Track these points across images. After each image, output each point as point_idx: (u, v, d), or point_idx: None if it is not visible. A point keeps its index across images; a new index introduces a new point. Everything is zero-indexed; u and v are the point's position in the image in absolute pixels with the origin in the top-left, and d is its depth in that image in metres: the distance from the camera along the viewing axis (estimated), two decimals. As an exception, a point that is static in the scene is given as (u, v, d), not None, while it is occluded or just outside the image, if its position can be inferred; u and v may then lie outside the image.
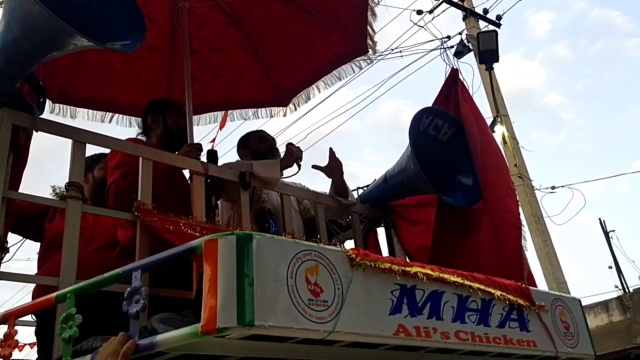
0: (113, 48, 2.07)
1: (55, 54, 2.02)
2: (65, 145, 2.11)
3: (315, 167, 3.05)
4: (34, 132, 2.10)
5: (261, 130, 3.33)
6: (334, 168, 3.03)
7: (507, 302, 1.85)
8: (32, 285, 2.42)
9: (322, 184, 3.08)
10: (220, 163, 2.79)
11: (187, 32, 3.24)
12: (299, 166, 2.92)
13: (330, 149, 3.04)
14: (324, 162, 3.09)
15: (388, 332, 1.47)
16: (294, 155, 2.91)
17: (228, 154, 9.91)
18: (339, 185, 3.02)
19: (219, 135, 5.66)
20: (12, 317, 1.57)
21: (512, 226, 2.65)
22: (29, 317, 2.43)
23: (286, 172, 2.92)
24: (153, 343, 1.24)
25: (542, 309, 1.97)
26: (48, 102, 3.08)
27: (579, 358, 2.10)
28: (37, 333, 2.48)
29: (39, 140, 2.17)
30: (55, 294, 1.51)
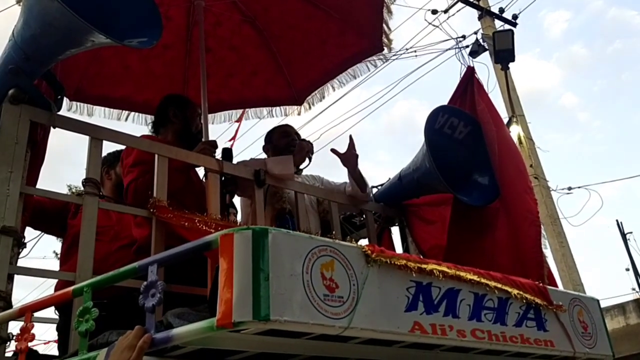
0: (130, 45, 2.08)
1: (73, 50, 2.04)
2: (80, 146, 2.13)
3: (333, 150, 3.06)
4: (52, 128, 2.12)
5: (286, 125, 3.36)
6: (349, 157, 3.03)
7: (524, 301, 1.82)
8: (47, 285, 2.45)
9: (340, 174, 3.11)
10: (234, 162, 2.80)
11: (203, 31, 3.25)
12: (310, 159, 3.03)
13: (350, 137, 3.05)
14: (337, 163, 3.10)
15: (404, 329, 1.46)
16: (304, 149, 3.02)
17: (243, 153, 9.96)
18: (353, 175, 3.03)
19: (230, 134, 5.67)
20: (29, 311, 1.57)
21: (531, 224, 2.62)
22: (41, 314, 2.43)
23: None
24: (169, 337, 1.24)
25: (560, 309, 1.94)
26: (65, 100, 3.12)
27: (597, 358, 2.07)
28: (58, 328, 2.50)
29: (54, 142, 2.19)
30: (72, 287, 1.51)
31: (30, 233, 2.48)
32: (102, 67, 3.36)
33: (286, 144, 3.13)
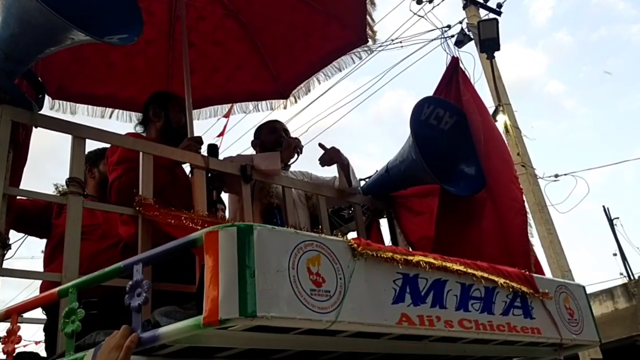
0: (110, 42, 2.06)
1: (53, 49, 2.01)
2: (66, 143, 2.10)
3: (320, 145, 3.04)
4: (34, 128, 2.09)
5: (275, 121, 3.32)
6: (331, 154, 3.02)
7: (510, 289, 1.84)
8: (37, 285, 2.42)
9: (329, 168, 3.10)
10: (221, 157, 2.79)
11: (185, 25, 3.22)
12: (299, 154, 3.03)
13: (319, 144, 3.05)
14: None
15: (391, 322, 1.46)
16: (291, 145, 3.01)
17: (230, 149, 9.92)
18: (343, 168, 3.02)
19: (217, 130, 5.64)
20: (15, 313, 1.56)
21: (517, 213, 2.64)
22: (29, 315, 2.42)
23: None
24: (156, 336, 1.24)
25: (546, 296, 1.96)
26: (47, 99, 3.09)
27: (583, 344, 2.10)
28: (45, 329, 2.49)
29: (41, 140, 2.16)
30: (57, 288, 1.50)
31: (15, 234, 2.46)
32: (84, 64, 3.33)
33: (274, 140, 3.11)
